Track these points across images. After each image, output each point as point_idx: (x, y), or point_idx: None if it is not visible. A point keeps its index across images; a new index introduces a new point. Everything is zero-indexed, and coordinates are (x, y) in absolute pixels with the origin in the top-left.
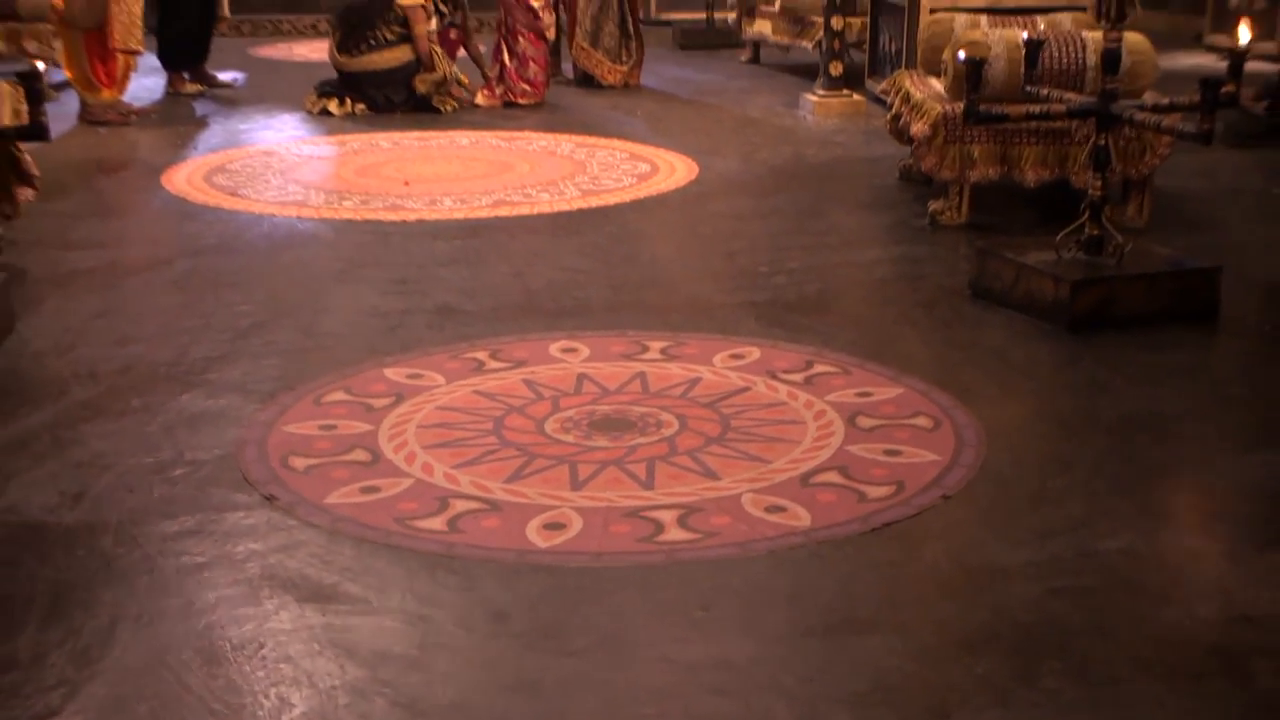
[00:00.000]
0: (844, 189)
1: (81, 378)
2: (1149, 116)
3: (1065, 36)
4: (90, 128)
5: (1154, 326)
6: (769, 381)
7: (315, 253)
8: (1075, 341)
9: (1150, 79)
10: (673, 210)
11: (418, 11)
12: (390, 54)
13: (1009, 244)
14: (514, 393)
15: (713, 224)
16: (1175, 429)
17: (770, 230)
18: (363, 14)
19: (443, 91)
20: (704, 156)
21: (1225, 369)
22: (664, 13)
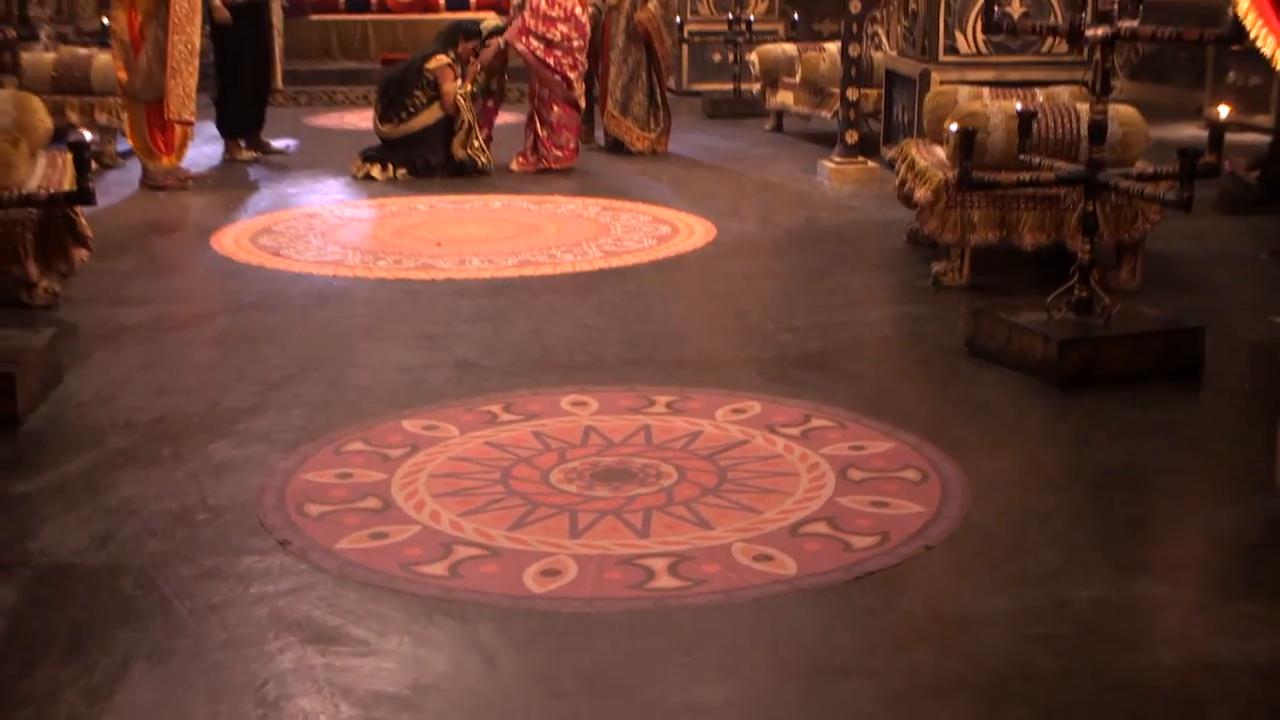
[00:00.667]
0: (854, 251)
1: (119, 427)
2: (1133, 184)
3: (1060, 108)
4: (150, 192)
5: (1140, 384)
6: (767, 435)
7: (348, 310)
8: (1063, 398)
9: (1141, 149)
10: (689, 270)
11: (445, 70)
12: (424, 116)
13: (1003, 304)
14: (523, 444)
15: (726, 283)
16: (1153, 482)
17: (780, 289)
18: (399, 84)
19: (470, 131)
20: (723, 219)
21: (1205, 425)
22: (695, 84)
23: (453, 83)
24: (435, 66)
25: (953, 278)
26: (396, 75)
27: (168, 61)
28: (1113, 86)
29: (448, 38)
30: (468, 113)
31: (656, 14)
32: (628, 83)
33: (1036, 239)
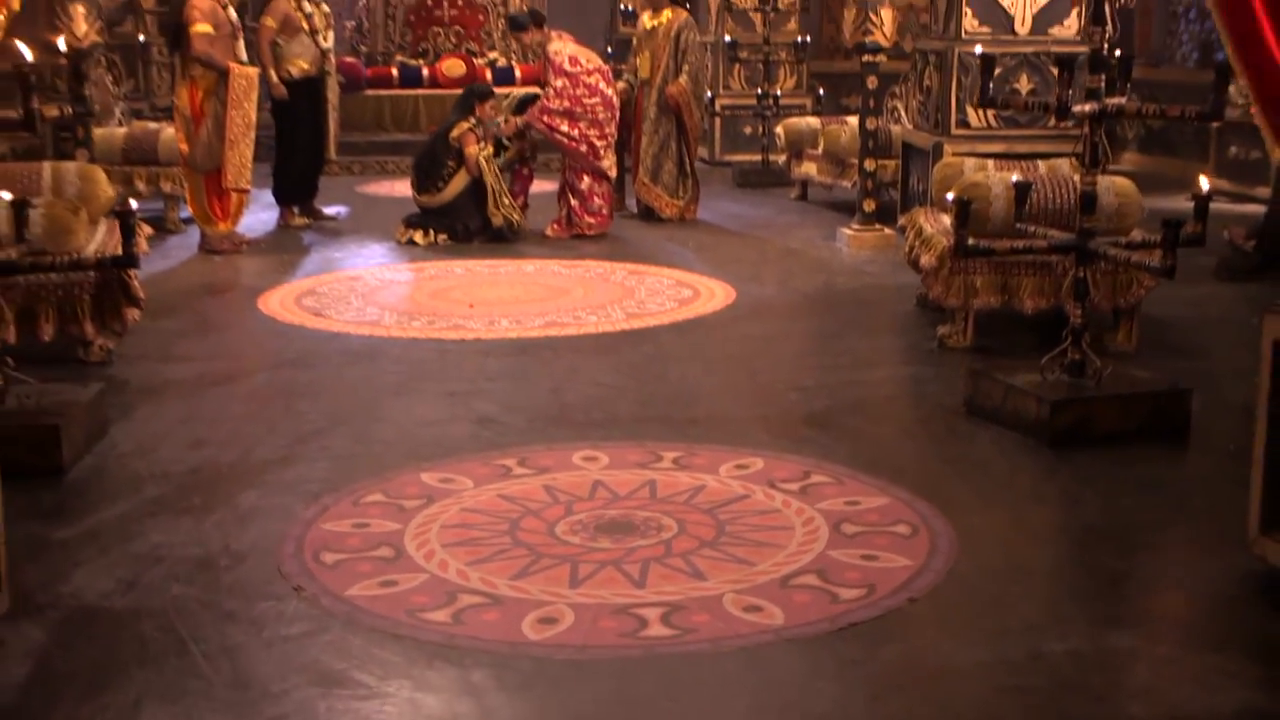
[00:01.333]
0: (865, 314)
1: (155, 477)
2: (1120, 252)
3: (1059, 179)
4: (207, 256)
5: (1129, 443)
6: (767, 490)
7: (380, 368)
8: (1054, 456)
9: (1135, 218)
10: (706, 332)
11: (467, 135)
12: (455, 184)
13: (1000, 366)
14: (533, 497)
15: (741, 345)
16: (1135, 538)
17: (792, 351)
18: (431, 155)
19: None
20: (743, 283)
21: (1189, 484)
22: (727, 154)
23: (474, 146)
24: (458, 134)
25: (957, 340)
26: (427, 148)
27: (226, 134)
28: (1102, 159)
29: (464, 105)
30: (489, 175)
31: (686, 88)
32: (658, 152)
33: (1036, 303)
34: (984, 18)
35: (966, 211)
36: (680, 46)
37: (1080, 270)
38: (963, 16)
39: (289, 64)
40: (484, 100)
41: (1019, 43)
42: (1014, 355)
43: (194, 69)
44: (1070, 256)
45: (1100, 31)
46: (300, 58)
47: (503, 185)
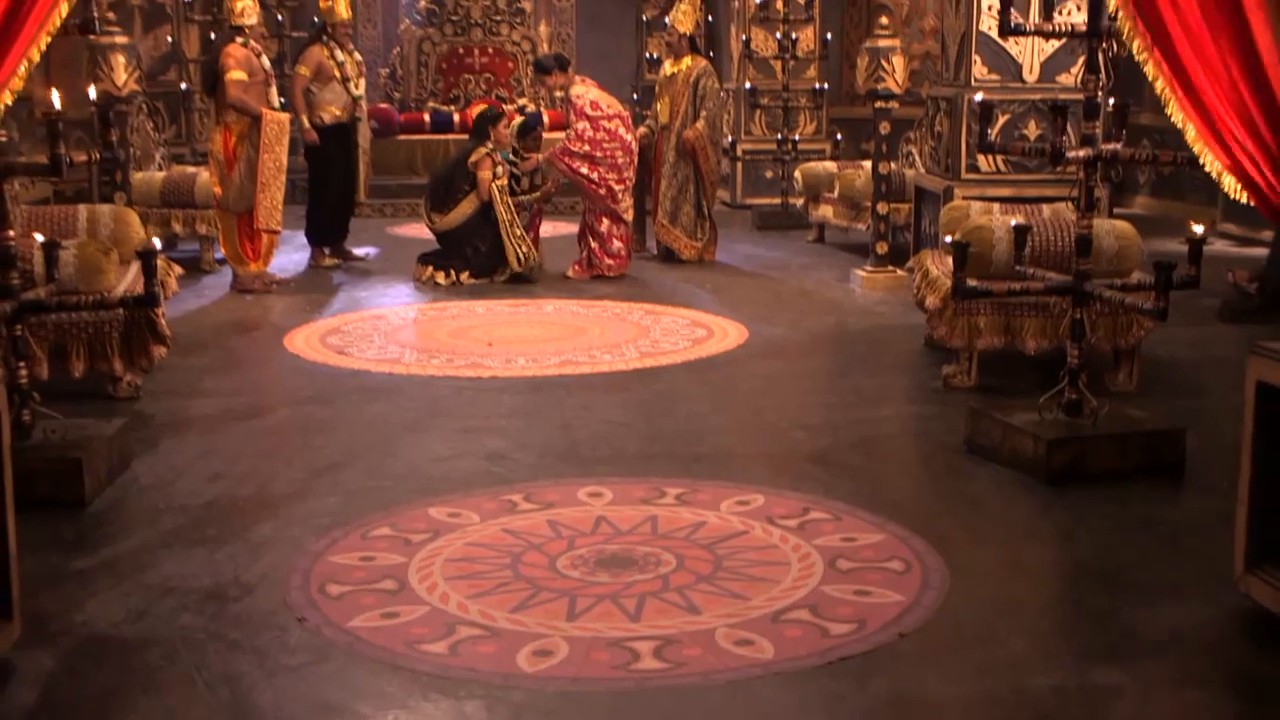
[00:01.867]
0: (874, 354)
1: (173, 509)
2: (1115, 294)
3: (1061, 223)
4: (238, 295)
5: (1125, 481)
6: (766, 526)
7: (397, 404)
8: (1050, 494)
9: (1135, 261)
10: (717, 371)
11: (484, 160)
12: (464, 206)
13: (999, 405)
14: (537, 531)
15: (750, 383)
16: (1125, 575)
17: (799, 390)
18: (448, 179)
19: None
20: (756, 324)
21: (1181, 521)
22: (748, 198)
23: (488, 171)
24: (476, 159)
25: (961, 380)
26: (445, 172)
27: (258, 177)
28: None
29: (479, 130)
30: (500, 203)
31: (703, 133)
32: (676, 195)
33: (1039, 344)
34: (993, 65)
35: (964, 255)
36: (699, 93)
37: (1077, 311)
38: (972, 64)
39: (321, 110)
40: (496, 123)
41: (1027, 90)
42: (1017, 395)
43: (228, 114)
44: (1068, 298)
45: (1095, 80)
46: (332, 104)
47: (514, 216)
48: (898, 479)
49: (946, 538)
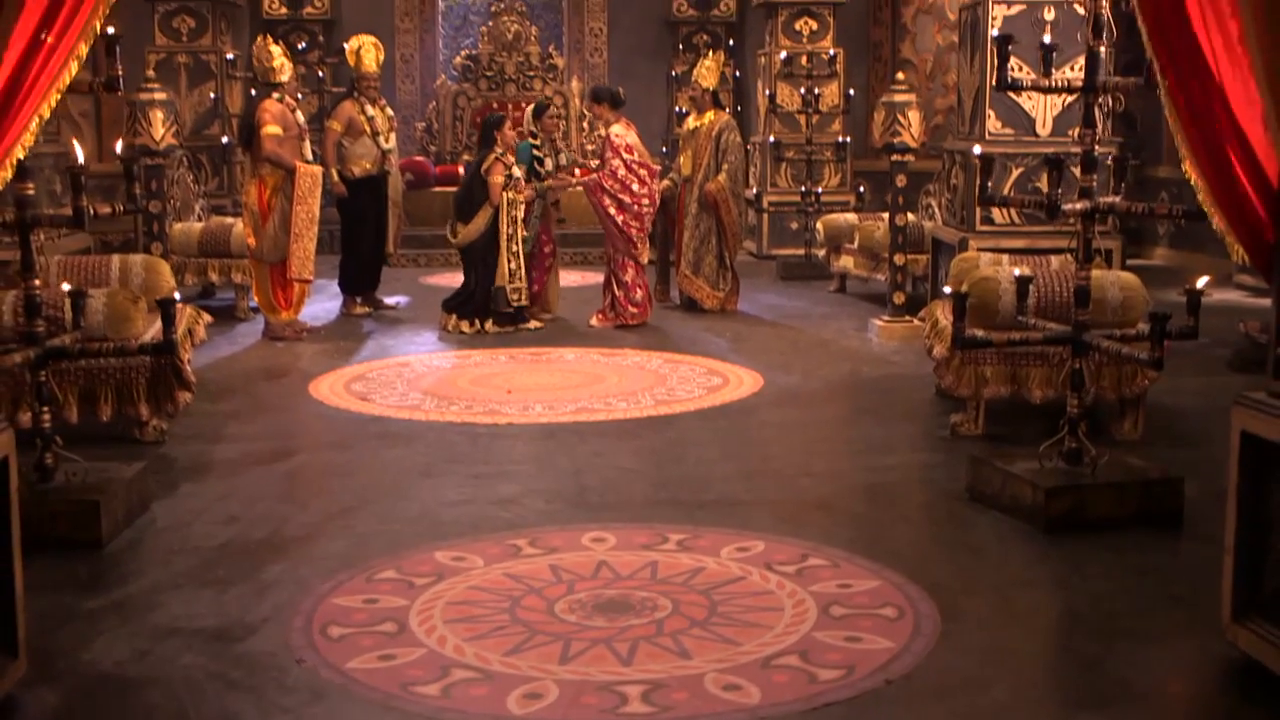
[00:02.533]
0: (885, 402)
1: (186, 551)
2: (1112, 344)
3: (1067, 275)
4: (270, 342)
5: (1123, 530)
6: (763, 572)
7: (414, 450)
8: (1048, 542)
9: (1141, 311)
10: (729, 419)
11: (495, 165)
12: (481, 217)
13: (999, 453)
14: (538, 576)
15: (760, 431)
16: (1116, 624)
17: (808, 437)
18: (466, 194)
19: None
20: (771, 372)
21: (1176, 570)
22: (774, 248)
23: (500, 175)
24: (487, 165)
25: (969, 428)
26: (465, 188)
27: (291, 228)
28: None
29: (486, 137)
30: (506, 216)
31: (725, 186)
32: (699, 246)
33: (1045, 393)
34: (1007, 120)
35: (964, 305)
36: (721, 146)
37: (1076, 361)
38: (986, 119)
39: (353, 163)
40: (501, 126)
41: (1040, 143)
42: (1024, 443)
43: (263, 168)
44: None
45: (1091, 134)
46: (364, 158)
47: (518, 230)
48: (898, 526)
49: (941, 584)
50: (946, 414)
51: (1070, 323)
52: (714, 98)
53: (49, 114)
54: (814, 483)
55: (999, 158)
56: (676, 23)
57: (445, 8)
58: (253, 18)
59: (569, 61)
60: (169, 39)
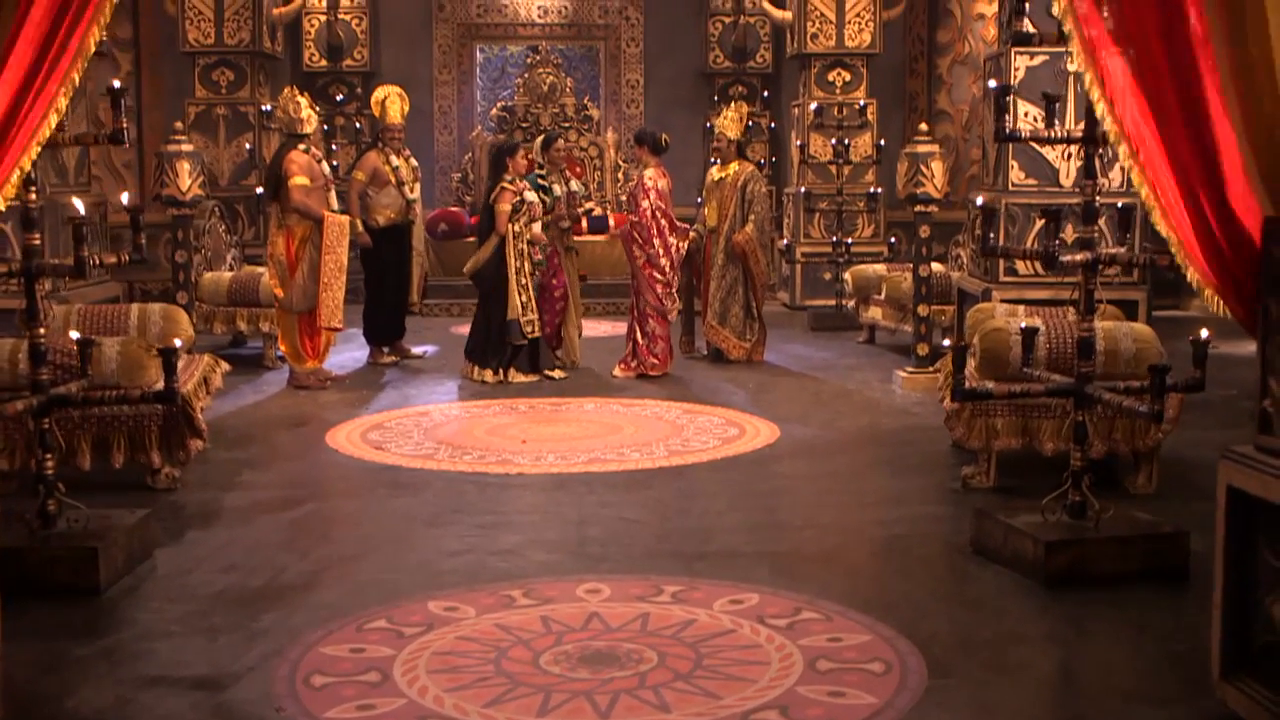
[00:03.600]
0: (900, 454)
1: (183, 598)
2: (1114, 397)
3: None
4: (294, 391)
5: (1126, 585)
6: (755, 625)
7: (421, 499)
8: (1048, 597)
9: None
10: (740, 470)
11: (503, 193)
12: (488, 246)
13: (1003, 507)
14: (528, 627)
15: (770, 482)
16: (1108, 681)
17: (817, 489)
18: (481, 224)
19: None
20: (789, 423)
21: (1174, 627)
22: (807, 299)
23: (507, 203)
24: (496, 193)
25: (980, 481)
26: (482, 218)
27: (320, 277)
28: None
29: (497, 165)
30: (512, 248)
31: (752, 236)
32: (725, 297)
33: (1056, 445)
34: (1030, 171)
35: (963, 357)
36: (746, 197)
37: (1079, 414)
38: (1010, 170)
39: (377, 213)
40: (513, 154)
41: (1063, 194)
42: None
43: (290, 218)
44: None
45: (1092, 184)
46: (388, 208)
47: (525, 266)
48: (897, 580)
49: (934, 639)
50: (961, 466)
51: None
52: (738, 148)
53: (29, 166)
54: (817, 535)
55: (1022, 209)
56: (712, 74)
57: (483, 60)
58: (293, 70)
59: (605, 113)
60: (208, 91)
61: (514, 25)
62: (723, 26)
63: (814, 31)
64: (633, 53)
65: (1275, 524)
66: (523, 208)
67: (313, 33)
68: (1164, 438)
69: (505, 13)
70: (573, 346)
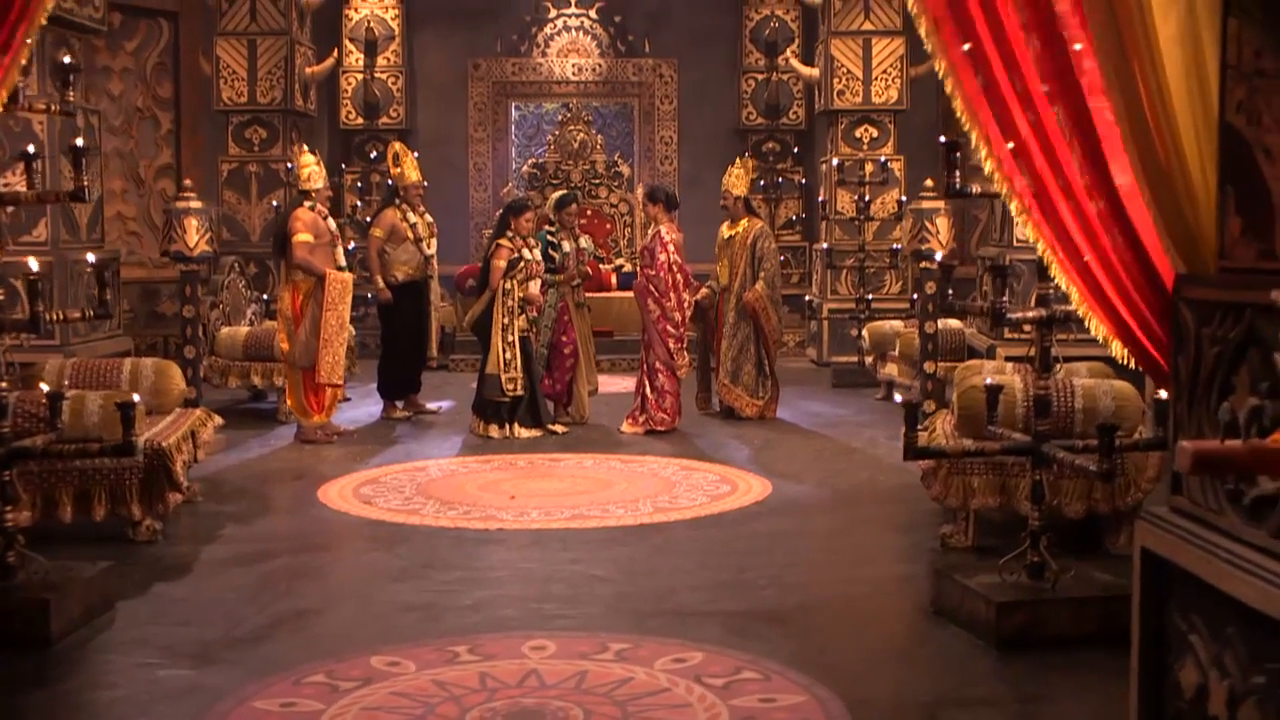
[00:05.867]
0: (888, 512)
1: (135, 650)
2: (1067, 456)
3: (1066, 384)
4: (300, 445)
5: (1081, 647)
6: (690, 684)
7: (396, 554)
8: (998, 659)
9: (1135, 421)
10: (721, 528)
11: (500, 250)
12: (481, 302)
13: (962, 566)
14: (464, 683)
15: (747, 541)
16: None
17: (792, 547)
18: (481, 275)
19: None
20: (783, 480)
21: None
22: (833, 355)
23: (503, 259)
24: (492, 249)
25: (959, 540)
26: (480, 276)
27: (320, 333)
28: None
29: (501, 222)
30: (501, 304)
31: (762, 294)
32: (737, 355)
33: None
34: None
35: (915, 416)
36: (756, 254)
37: (1036, 473)
38: (1014, 226)
39: (394, 269)
40: (519, 214)
41: None
42: None
43: (295, 274)
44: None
45: None
46: (406, 264)
47: (514, 323)
48: (849, 640)
49: (870, 702)
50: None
51: (1066, 433)
52: (747, 205)
53: None
54: (779, 594)
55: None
56: (746, 130)
57: (519, 117)
58: (330, 128)
59: (639, 169)
60: (241, 149)
61: (549, 83)
62: (755, 83)
63: (840, 88)
64: (666, 110)
65: (1185, 587)
66: (519, 265)
67: (350, 91)
68: (1144, 496)
69: (540, 71)
70: (583, 403)
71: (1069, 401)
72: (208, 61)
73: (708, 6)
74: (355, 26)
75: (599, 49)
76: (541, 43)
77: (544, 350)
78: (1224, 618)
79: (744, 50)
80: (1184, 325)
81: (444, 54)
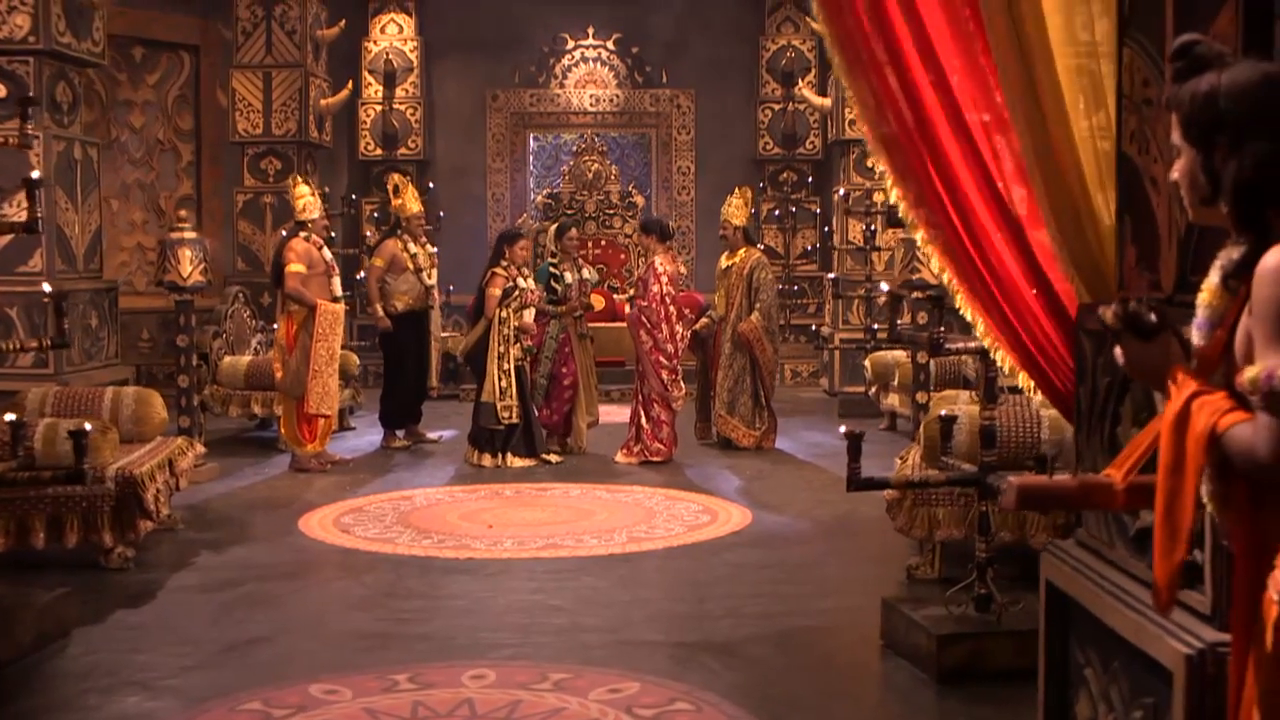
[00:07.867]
0: (862, 544)
1: (80, 677)
2: None
3: (1029, 416)
4: (293, 474)
5: (1022, 681)
6: (620, 715)
7: (360, 582)
8: (938, 693)
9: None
10: (691, 558)
11: (495, 278)
12: (475, 331)
13: (909, 599)
14: (395, 712)
15: (713, 571)
16: None
17: (757, 579)
18: (476, 304)
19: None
20: (765, 511)
21: None
22: (846, 386)
23: (497, 288)
24: (487, 278)
25: (925, 572)
26: (475, 304)
27: (310, 364)
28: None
29: (496, 251)
30: (496, 333)
31: (758, 325)
32: (734, 385)
33: (1000, 538)
34: None
35: (858, 446)
36: (753, 285)
37: (983, 504)
38: None
39: (395, 299)
40: (514, 243)
41: None
42: None
43: (290, 304)
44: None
45: None
46: (406, 294)
47: (509, 352)
48: (791, 673)
49: None
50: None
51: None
52: (745, 235)
53: None
54: (733, 625)
55: None
56: (763, 160)
57: (536, 147)
58: (349, 159)
59: (656, 199)
60: (256, 180)
61: (566, 114)
62: (772, 113)
63: (851, 118)
64: (684, 140)
65: (1082, 621)
66: (514, 294)
67: (369, 122)
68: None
69: (558, 102)
70: (580, 435)
71: (1035, 431)
72: (224, 94)
73: (725, 37)
74: (374, 58)
75: (616, 80)
76: (559, 74)
77: (543, 381)
78: (1112, 650)
79: (761, 80)
80: (1084, 356)
81: (462, 85)
